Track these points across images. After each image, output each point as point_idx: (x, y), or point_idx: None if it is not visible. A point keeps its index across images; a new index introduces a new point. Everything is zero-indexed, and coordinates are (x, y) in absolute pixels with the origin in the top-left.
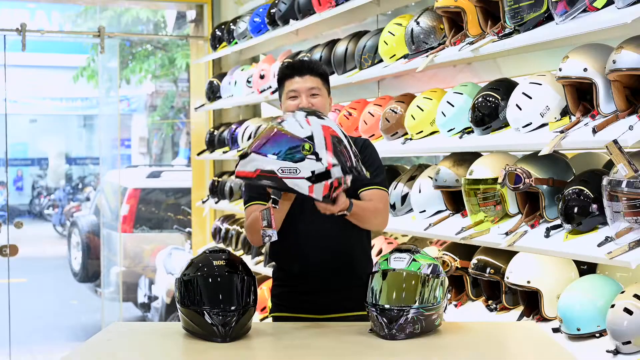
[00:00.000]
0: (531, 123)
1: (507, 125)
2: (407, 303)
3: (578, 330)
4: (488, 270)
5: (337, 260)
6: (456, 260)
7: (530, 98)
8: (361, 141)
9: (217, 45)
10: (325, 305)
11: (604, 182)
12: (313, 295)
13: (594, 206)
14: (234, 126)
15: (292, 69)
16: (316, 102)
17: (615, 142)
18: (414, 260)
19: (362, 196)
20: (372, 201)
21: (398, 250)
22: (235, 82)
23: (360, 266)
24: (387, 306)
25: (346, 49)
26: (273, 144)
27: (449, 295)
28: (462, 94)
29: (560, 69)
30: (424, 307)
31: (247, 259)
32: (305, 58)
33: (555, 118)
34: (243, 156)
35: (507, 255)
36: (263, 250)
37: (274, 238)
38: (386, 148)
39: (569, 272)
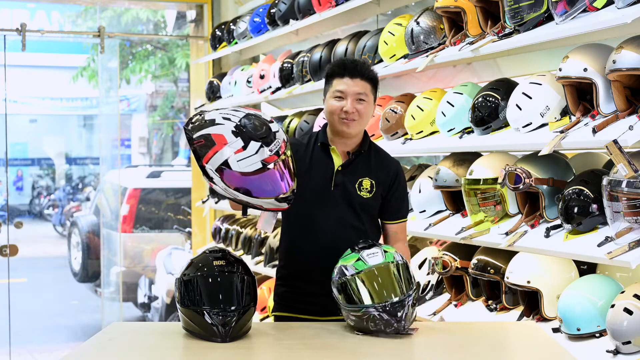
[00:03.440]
0: (531, 123)
1: (507, 125)
2: (405, 292)
3: (578, 330)
4: (488, 270)
5: None
6: (456, 260)
7: (530, 98)
8: (394, 168)
9: (217, 45)
10: (327, 308)
11: (604, 182)
12: (315, 297)
13: (594, 206)
14: None
15: (344, 68)
16: (361, 108)
17: (615, 142)
18: (385, 251)
19: (388, 228)
20: (398, 242)
21: (361, 248)
22: (235, 82)
23: None
24: (394, 300)
25: (346, 49)
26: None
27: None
28: (462, 94)
29: (560, 69)
30: (414, 291)
31: (247, 259)
32: (358, 58)
33: (555, 118)
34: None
35: (507, 255)
36: (263, 250)
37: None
38: (386, 148)
39: (569, 272)
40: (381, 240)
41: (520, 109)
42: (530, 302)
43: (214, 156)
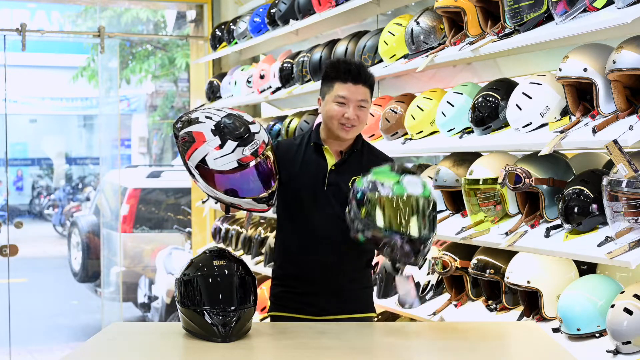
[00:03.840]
0: (531, 123)
1: (507, 125)
2: (432, 230)
3: (578, 330)
4: (488, 270)
5: (337, 266)
6: (456, 260)
7: (530, 98)
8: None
9: (217, 45)
10: (322, 308)
11: (604, 182)
12: (310, 297)
13: (594, 206)
14: None
15: (348, 72)
16: (362, 114)
17: (615, 142)
18: (424, 185)
19: None
20: None
21: (402, 171)
22: (235, 82)
23: (359, 270)
24: (422, 234)
25: (346, 49)
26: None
27: None
28: (462, 94)
29: (560, 69)
30: (435, 234)
31: (247, 259)
32: (358, 61)
33: (555, 118)
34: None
35: (507, 255)
36: (263, 250)
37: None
38: (386, 148)
39: (569, 272)
40: None
41: (520, 109)
42: (530, 302)
43: (194, 153)
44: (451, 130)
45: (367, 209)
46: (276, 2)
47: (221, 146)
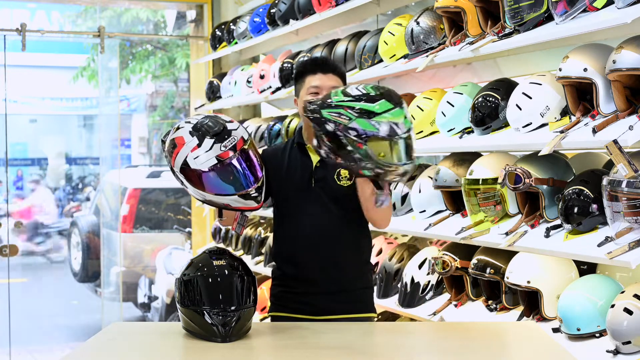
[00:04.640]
0: (531, 123)
1: (507, 125)
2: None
3: (578, 330)
4: (488, 270)
5: (334, 264)
6: (456, 260)
7: (530, 98)
8: None
9: (217, 45)
10: (321, 308)
11: (604, 182)
12: (309, 297)
13: (594, 206)
14: None
15: (316, 64)
16: None
17: (615, 142)
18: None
19: None
20: None
21: (397, 103)
22: (235, 82)
23: (357, 270)
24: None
25: (346, 49)
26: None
27: None
28: (462, 94)
29: (560, 69)
30: None
31: (247, 259)
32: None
33: (555, 118)
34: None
35: (507, 255)
36: (263, 250)
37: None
38: None
39: (569, 272)
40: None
41: (520, 109)
42: (530, 302)
43: (177, 157)
44: (451, 130)
45: (384, 152)
46: (276, 2)
47: (199, 145)
